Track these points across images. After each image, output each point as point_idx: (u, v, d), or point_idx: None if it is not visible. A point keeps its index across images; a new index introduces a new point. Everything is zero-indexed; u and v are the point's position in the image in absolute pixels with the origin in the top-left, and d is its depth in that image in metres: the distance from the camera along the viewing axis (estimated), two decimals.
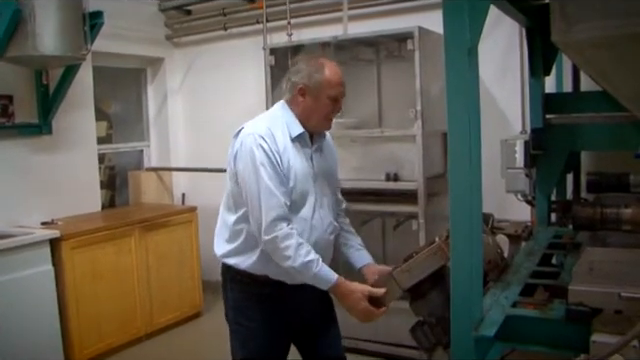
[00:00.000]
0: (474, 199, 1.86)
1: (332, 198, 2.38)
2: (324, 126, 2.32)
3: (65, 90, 4.42)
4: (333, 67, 2.26)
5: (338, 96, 2.26)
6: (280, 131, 2.22)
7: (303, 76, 2.25)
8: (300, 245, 2.13)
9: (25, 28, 3.77)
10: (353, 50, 4.28)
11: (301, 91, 2.25)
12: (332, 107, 2.26)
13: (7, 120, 4.21)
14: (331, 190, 2.38)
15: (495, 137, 3.30)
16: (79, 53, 4.06)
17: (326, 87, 2.23)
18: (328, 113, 2.26)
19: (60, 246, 3.92)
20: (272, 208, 2.12)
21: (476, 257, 1.87)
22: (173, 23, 5.50)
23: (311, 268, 2.13)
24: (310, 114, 2.26)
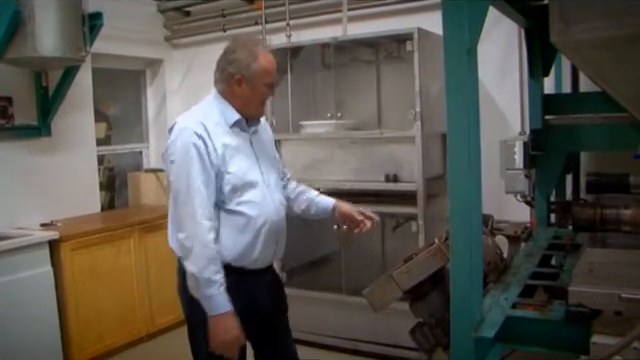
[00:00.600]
0: (474, 200, 1.86)
1: (277, 177, 2.45)
2: (260, 111, 2.39)
3: (64, 92, 4.42)
4: (267, 55, 2.32)
5: (272, 84, 2.34)
6: (214, 122, 2.27)
7: (240, 66, 2.28)
8: (213, 260, 2.14)
9: (25, 29, 3.76)
10: (352, 51, 4.29)
11: (238, 81, 2.29)
12: (266, 95, 2.34)
13: (6, 122, 4.20)
14: (275, 170, 2.45)
15: (494, 138, 3.29)
16: (78, 54, 4.05)
17: (262, 75, 2.29)
18: (263, 99, 2.35)
19: (59, 247, 3.92)
20: (199, 206, 2.14)
21: (476, 258, 1.86)
22: (172, 24, 5.50)
23: (210, 287, 2.13)
24: (248, 102, 2.32)
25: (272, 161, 2.46)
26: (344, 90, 4.32)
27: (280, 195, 2.43)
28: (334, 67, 4.24)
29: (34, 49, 3.80)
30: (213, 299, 2.13)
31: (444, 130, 4.02)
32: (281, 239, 2.42)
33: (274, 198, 2.36)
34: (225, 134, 2.27)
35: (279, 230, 2.39)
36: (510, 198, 3.48)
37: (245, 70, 2.28)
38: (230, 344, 2.17)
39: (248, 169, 2.29)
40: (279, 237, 2.39)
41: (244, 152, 2.31)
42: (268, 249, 2.34)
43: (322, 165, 4.06)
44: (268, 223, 2.30)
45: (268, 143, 2.51)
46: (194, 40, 5.38)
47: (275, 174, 2.44)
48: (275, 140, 4.03)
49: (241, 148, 2.30)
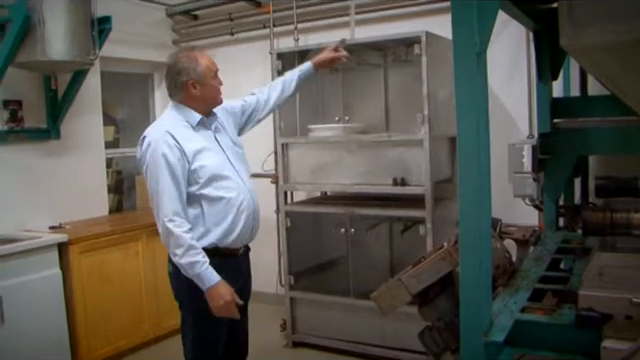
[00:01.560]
0: (483, 204, 1.85)
1: (246, 167, 2.73)
2: (219, 100, 2.69)
3: (73, 95, 4.44)
4: (204, 55, 2.67)
5: (216, 72, 2.66)
6: (181, 127, 2.56)
7: (189, 73, 2.59)
8: (190, 246, 2.44)
9: (35, 34, 3.80)
10: (360, 54, 4.27)
11: (192, 85, 2.59)
12: (218, 82, 2.66)
13: (16, 125, 4.22)
14: (242, 161, 2.72)
15: (502, 141, 3.28)
16: (87, 58, 4.08)
17: (207, 72, 2.61)
18: (217, 89, 2.66)
19: (68, 250, 3.93)
20: (169, 205, 2.46)
21: (485, 262, 1.86)
22: (180, 28, 5.52)
23: (195, 267, 2.44)
24: (207, 99, 2.63)
25: (238, 154, 2.72)
26: (352, 94, 4.32)
27: (251, 184, 2.70)
28: (342, 71, 4.25)
29: (44, 53, 3.83)
30: (201, 276, 2.45)
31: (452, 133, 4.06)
32: (257, 222, 2.71)
33: (248, 186, 2.66)
34: (192, 136, 2.56)
35: (255, 213, 2.67)
36: (518, 202, 3.47)
37: (194, 74, 2.59)
38: (227, 307, 2.48)
39: (220, 163, 2.58)
40: (255, 220, 2.69)
41: (212, 149, 2.59)
42: (246, 228, 2.63)
43: (330, 169, 4.06)
44: (245, 202, 2.60)
45: (230, 134, 2.75)
46: (202, 43, 5.38)
47: (244, 165, 2.72)
48: (282, 144, 4.19)
49: (209, 146, 2.58)
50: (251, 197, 2.65)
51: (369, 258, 4.25)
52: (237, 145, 2.75)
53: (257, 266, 5.17)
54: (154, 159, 2.48)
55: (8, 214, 4.14)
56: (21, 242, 3.79)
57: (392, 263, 4.37)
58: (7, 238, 3.92)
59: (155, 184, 2.49)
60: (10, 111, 4.19)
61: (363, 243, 4.18)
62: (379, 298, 2.28)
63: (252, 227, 2.68)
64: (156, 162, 2.47)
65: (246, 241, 2.71)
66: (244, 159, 2.76)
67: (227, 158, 2.64)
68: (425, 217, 3.70)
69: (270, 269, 4.86)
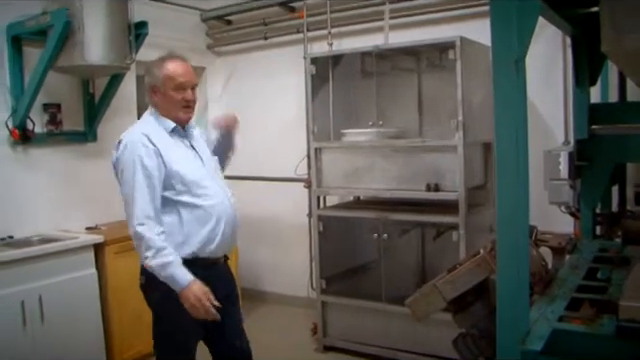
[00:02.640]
0: (521, 211, 1.83)
1: (221, 175, 2.68)
2: (182, 116, 2.53)
3: (110, 99, 4.50)
4: (175, 60, 2.52)
5: (183, 85, 2.47)
6: (155, 131, 2.48)
7: (152, 77, 2.51)
8: (161, 247, 2.36)
9: (74, 39, 3.86)
10: (394, 59, 4.28)
11: (153, 91, 2.51)
12: (181, 96, 2.48)
13: (55, 128, 4.31)
14: (218, 169, 2.69)
15: (537, 148, 3.23)
16: (124, 63, 4.13)
17: (167, 81, 2.47)
18: (178, 103, 2.48)
19: (103, 251, 3.99)
20: (141, 208, 2.38)
21: (523, 270, 1.84)
22: (214, 33, 5.56)
23: (167, 268, 2.36)
24: (167, 108, 2.50)
25: (214, 162, 2.68)
26: (385, 98, 4.30)
27: (229, 191, 2.63)
28: (375, 75, 4.24)
29: (83, 58, 3.89)
30: (174, 277, 2.35)
31: (486, 139, 4.03)
32: (235, 231, 2.61)
33: (226, 193, 2.58)
34: (168, 140, 2.49)
35: (233, 221, 2.58)
36: (554, 209, 3.43)
37: (155, 79, 2.50)
38: (203, 307, 2.36)
39: (197, 170, 2.52)
40: (234, 228, 2.59)
41: (189, 157, 2.53)
42: (225, 237, 2.54)
43: (363, 173, 4.05)
44: (224, 214, 2.52)
45: (206, 145, 2.72)
46: (236, 48, 5.43)
47: (219, 172, 2.68)
48: (316, 148, 4.22)
49: (185, 153, 2.53)
50: (230, 205, 2.58)
51: (401, 263, 4.23)
52: (214, 158, 2.72)
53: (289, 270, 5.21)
54: (129, 161, 2.40)
55: (47, 214, 4.23)
56: (59, 242, 3.86)
57: (424, 269, 4.35)
58: (46, 238, 4.03)
59: (129, 188, 2.41)
60: (50, 114, 4.28)
61: (395, 248, 4.16)
62: (413, 304, 2.27)
63: (231, 236, 2.60)
64: (131, 164, 2.40)
65: (226, 250, 2.65)
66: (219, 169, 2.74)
67: (203, 165, 2.58)
68: (458, 223, 3.67)
69: (302, 273, 4.88)
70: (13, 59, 4.03)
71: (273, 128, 5.20)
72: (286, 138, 5.08)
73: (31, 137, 4.09)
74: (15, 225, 4.03)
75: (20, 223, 4.06)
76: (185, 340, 2.56)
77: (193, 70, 2.60)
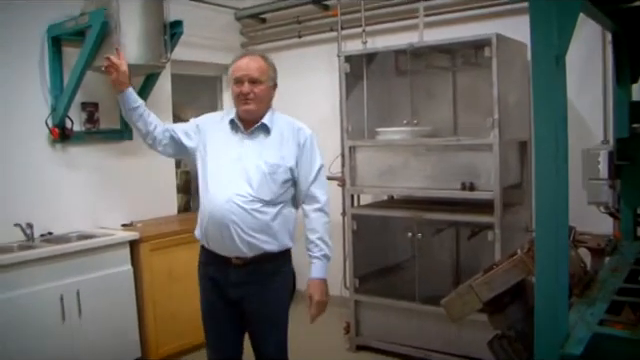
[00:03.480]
0: (560, 211, 1.80)
1: (260, 179, 2.55)
2: (240, 110, 2.61)
3: (145, 97, 4.48)
4: (243, 56, 2.63)
5: (240, 78, 2.56)
6: (222, 117, 2.70)
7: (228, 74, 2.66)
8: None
9: (111, 39, 3.90)
10: (429, 57, 4.23)
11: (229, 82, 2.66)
12: (238, 90, 2.57)
13: (93, 126, 4.38)
14: (261, 171, 2.55)
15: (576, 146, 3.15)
16: (159, 61, 4.17)
17: (231, 74, 2.61)
18: (236, 97, 2.59)
19: (139, 248, 4.04)
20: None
21: (562, 271, 1.80)
22: (248, 31, 5.58)
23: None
24: (234, 101, 2.63)
25: (263, 165, 2.56)
26: (420, 97, 4.27)
27: (248, 189, 2.53)
28: (410, 73, 4.21)
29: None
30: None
31: (521, 137, 3.96)
32: (227, 234, 2.53)
33: (231, 193, 2.52)
34: (221, 127, 2.65)
35: (222, 224, 2.52)
36: (592, 209, 3.35)
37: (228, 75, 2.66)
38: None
39: (222, 163, 2.57)
40: (224, 231, 2.52)
41: (224, 144, 2.61)
42: (215, 236, 2.57)
43: (397, 172, 4.03)
44: (214, 212, 2.54)
45: (274, 151, 2.59)
46: (270, 47, 5.42)
47: (258, 175, 2.54)
48: (350, 146, 4.20)
49: (223, 140, 2.62)
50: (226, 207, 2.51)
51: (435, 263, 4.19)
52: (268, 162, 2.57)
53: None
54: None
55: (84, 211, 4.31)
56: (96, 239, 3.94)
57: (458, 269, 4.30)
58: (84, 234, 4.10)
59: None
60: (87, 113, 4.35)
61: (429, 248, 4.13)
62: (449, 305, 2.24)
63: (221, 240, 2.55)
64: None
65: (224, 251, 2.58)
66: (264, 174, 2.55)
67: (236, 157, 2.57)
68: (494, 223, 3.62)
69: (335, 272, 4.74)
70: (53, 59, 4.11)
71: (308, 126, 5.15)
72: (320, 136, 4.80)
73: (70, 135, 4.17)
74: (54, 221, 4.11)
75: (59, 220, 4.14)
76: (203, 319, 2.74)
77: (263, 64, 2.61)
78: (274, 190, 2.56)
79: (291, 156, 2.60)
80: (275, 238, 2.58)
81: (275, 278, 2.63)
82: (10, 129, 3.92)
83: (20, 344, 3.38)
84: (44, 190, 4.09)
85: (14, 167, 3.95)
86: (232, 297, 2.61)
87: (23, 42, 4.00)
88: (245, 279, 2.58)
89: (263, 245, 2.55)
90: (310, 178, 2.62)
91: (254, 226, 2.53)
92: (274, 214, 2.57)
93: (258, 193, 2.53)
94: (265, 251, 2.56)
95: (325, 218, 2.65)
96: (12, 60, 3.94)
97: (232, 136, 2.63)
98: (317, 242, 2.60)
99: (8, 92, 3.92)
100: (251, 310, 2.63)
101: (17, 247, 3.77)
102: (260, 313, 2.63)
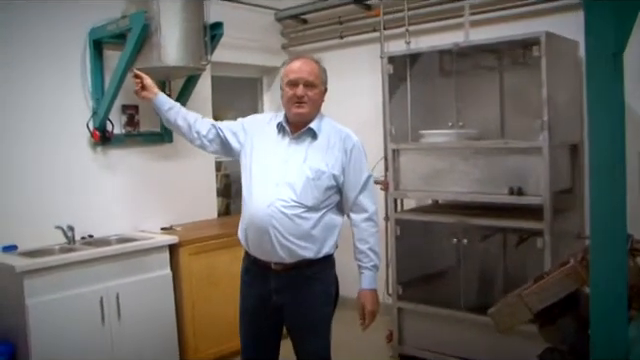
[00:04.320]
0: (618, 218, 1.72)
1: (305, 183, 2.54)
2: (292, 113, 2.60)
3: (186, 100, 4.56)
4: (297, 59, 2.64)
5: (295, 81, 2.57)
6: (269, 121, 2.71)
7: (280, 76, 2.69)
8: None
9: (151, 41, 3.94)
10: (474, 57, 4.15)
11: (281, 89, 2.67)
12: (292, 92, 2.57)
13: (133, 129, 4.43)
14: (305, 176, 2.55)
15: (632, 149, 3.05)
16: (200, 63, 4.19)
17: (285, 77, 2.62)
18: (289, 99, 2.58)
19: (178, 252, 4.06)
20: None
21: (620, 282, 1.72)
22: (289, 32, 5.58)
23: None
24: (284, 104, 2.64)
25: (307, 170, 2.55)
26: (465, 98, 4.20)
27: (291, 194, 2.53)
28: (455, 74, 4.15)
29: (160, 59, 3.97)
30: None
31: (573, 140, 3.84)
32: (266, 239, 2.54)
33: (273, 198, 2.53)
34: (268, 129, 2.67)
35: (262, 229, 2.53)
36: None
37: (280, 78, 2.68)
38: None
39: (264, 161, 2.60)
40: (264, 235, 2.53)
41: (270, 147, 2.63)
42: (255, 240, 2.58)
43: (442, 176, 3.96)
44: (255, 216, 2.55)
45: (319, 157, 2.59)
46: (311, 48, 5.40)
47: (301, 180, 2.54)
48: (393, 149, 4.18)
49: (269, 144, 2.64)
50: (267, 211, 2.52)
51: (481, 270, 4.12)
52: (312, 170, 2.56)
53: None
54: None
55: (124, 214, 4.36)
56: (136, 242, 3.97)
57: (506, 277, 4.19)
58: (123, 238, 4.15)
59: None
60: (128, 115, 4.40)
61: (475, 254, 4.05)
62: (497, 315, 2.19)
63: (261, 245, 2.57)
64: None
65: (265, 256, 2.60)
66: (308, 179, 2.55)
67: (281, 161, 2.59)
68: (543, 229, 3.52)
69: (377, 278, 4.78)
70: (94, 62, 4.18)
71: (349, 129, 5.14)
72: (362, 139, 4.81)
73: (110, 138, 4.21)
74: (95, 224, 4.17)
75: (99, 222, 4.20)
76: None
77: (317, 68, 2.63)
78: (317, 196, 2.56)
79: (337, 163, 2.60)
80: (316, 244, 2.57)
81: (315, 284, 2.62)
82: (52, 131, 3.99)
83: (60, 346, 3.44)
84: (85, 193, 4.15)
85: (56, 169, 4.01)
86: (271, 303, 2.62)
87: (65, 46, 4.07)
88: (285, 285, 2.59)
89: (303, 252, 2.55)
90: (358, 187, 2.63)
91: (294, 232, 2.53)
92: (316, 220, 2.57)
93: (301, 198, 2.53)
94: (304, 258, 2.56)
95: (375, 228, 2.67)
96: (55, 63, 4.01)
97: (279, 139, 2.64)
98: (367, 252, 2.63)
99: (51, 95, 3.99)
100: (291, 317, 2.64)
101: (58, 250, 3.83)
102: (300, 320, 2.64)
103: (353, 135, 2.69)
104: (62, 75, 4.06)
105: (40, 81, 3.95)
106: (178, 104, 2.85)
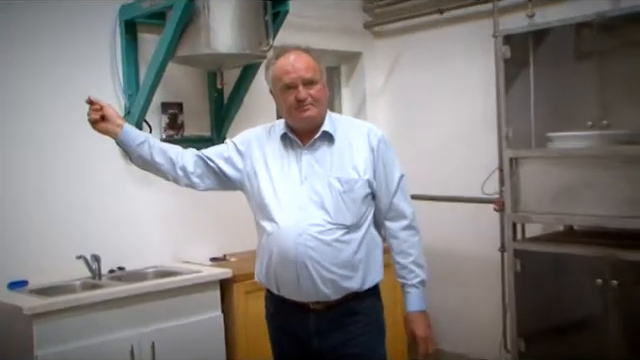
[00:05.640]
0: None
1: (337, 198, 2.57)
2: (298, 119, 2.60)
3: (242, 95, 4.54)
4: (282, 56, 2.63)
5: (292, 83, 2.56)
6: (267, 135, 2.75)
7: (267, 80, 2.70)
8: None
9: (198, 22, 3.90)
10: (625, 32, 3.90)
11: (271, 93, 2.71)
12: (291, 98, 2.56)
13: (176, 132, 4.42)
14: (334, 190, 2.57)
15: None
16: (259, 50, 4.12)
17: (276, 81, 2.62)
18: (291, 105, 2.57)
19: (232, 288, 4.05)
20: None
21: None
22: (373, 7, 5.52)
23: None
24: (285, 113, 2.65)
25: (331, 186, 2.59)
26: (612, 88, 3.99)
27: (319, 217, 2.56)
28: (597, 56, 3.97)
29: (209, 45, 3.92)
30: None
31: None
32: (305, 275, 2.54)
33: (304, 224, 2.53)
34: (271, 145, 2.70)
35: (298, 264, 2.53)
36: None
37: (269, 82, 2.69)
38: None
39: (282, 188, 2.61)
40: (301, 271, 2.53)
41: (282, 168, 2.65)
42: (288, 279, 2.58)
43: (578, 193, 3.81)
44: (284, 250, 2.55)
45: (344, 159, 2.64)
46: (401, 26, 5.34)
47: (332, 196, 2.57)
48: (511, 158, 4.01)
49: (280, 163, 2.66)
50: (298, 240, 2.53)
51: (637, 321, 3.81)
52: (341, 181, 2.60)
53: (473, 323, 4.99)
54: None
55: (164, 241, 4.35)
56: (178, 276, 3.96)
57: None
58: (162, 271, 4.15)
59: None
60: (169, 116, 4.39)
61: (628, 300, 3.77)
62: None
63: (297, 283, 2.57)
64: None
65: (299, 297, 2.62)
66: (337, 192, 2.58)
67: (299, 180, 2.61)
68: None
69: (491, 328, 4.76)
70: (127, 49, 4.17)
71: (451, 131, 5.07)
72: (469, 144, 5.00)
73: None
74: (127, 254, 4.16)
75: (133, 251, 4.19)
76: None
77: (311, 60, 2.65)
78: (354, 211, 2.60)
79: (367, 165, 2.65)
80: (361, 272, 2.62)
81: (367, 320, 2.69)
82: (72, 138, 3.94)
83: None
84: (115, 214, 4.15)
85: (78, 186, 4.01)
86: (314, 349, 2.67)
87: (90, 28, 4.07)
88: (328, 326, 2.65)
89: (350, 283, 2.59)
90: (392, 188, 2.69)
91: (337, 260, 2.56)
92: (359, 241, 2.61)
93: (337, 218, 2.57)
94: (352, 290, 2.61)
95: (416, 237, 2.74)
96: (76, 50, 4.01)
97: (287, 153, 2.68)
98: (412, 267, 2.70)
99: (72, 91, 3.92)
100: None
101: (80, 286, 3.83)
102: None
103: (376, 127, 2.74)
104: (87, 65, 4.05)
105: (56, 75, 3.94)
106: (149, 135, 2.80)
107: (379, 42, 5.60)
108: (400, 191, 2.70)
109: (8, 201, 3.77)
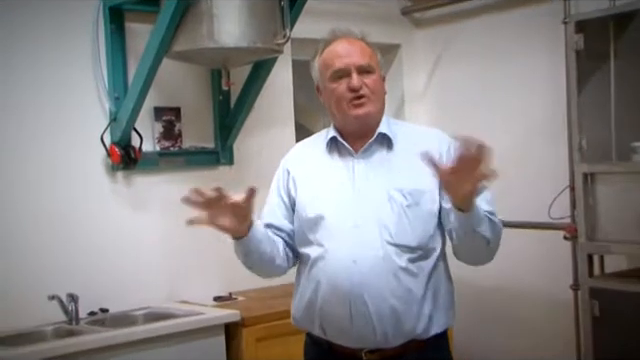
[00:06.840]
0: None
1: (400, 214, 2.55)
2: (351, 116, 2.59)
3: (253, 98, 4.55)
4: (338, 40, 2.65)
5: (344, 70, 2.56)
6: (312, 144, 2.83)
7: (313, 73, 2.73)
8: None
9: (199, 9, 3.91)
10: None
11: (318, 91, 2.74)
12: (342, 87, 2.57)
13: (172, 144, 4.43)
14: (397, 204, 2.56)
15: None
16: (273, 43, 4.12)
17: (325, 69, 2.63)
18: (342, 97, 2.57)
19: (240, 334, 4.06)
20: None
21: None
22: None
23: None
24: (333, 111, 2.65)
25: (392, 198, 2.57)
26: None
27: (378, 234, 2.54)
28: None
29: (212, 37, 3.94)
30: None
31: None
32: (361, 311, 2.51)
33: (359, 248, 2.52)
34: (314, 156, 2.74)
35: (352, 296, 2.50)
36: None
37: (315, 74, 2.72)
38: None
39: (327, 204, 2.61)
40: (356, 307, 2.50)
41: (333, 181, 2.65)
42: (339, 316, 2.53)
43: None
44: (335, 281, 2.52)
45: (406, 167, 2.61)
46: (446, 12, 5.41)
47: (393, 212, 2.55)
48: (585, 174, 3.97)
49: (329, 175, 2.67)
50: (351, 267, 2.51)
51: None
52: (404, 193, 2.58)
53: None
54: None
55: (157, 277, 4.35)
56: (174, 320, 3.96)
57: None
58: (155, 313, 4.14)
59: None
60: (164, 123, 4.40)
61: None
62: None
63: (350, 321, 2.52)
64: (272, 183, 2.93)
65: (355, 342, 2.56)
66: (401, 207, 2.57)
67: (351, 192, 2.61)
68: None
69: None
70: (112, 41, 4.16)
71: (508, 139, 4.97)
72: (531, 157, 5.00)
73: (137, 159, 4.20)
74: (110, 292, 4.14)
75: (118, 290, 4.17)
76: None
77: (367, 46, 2.66)
78: (420, 231, 2.57)
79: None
80: (430, 312, 2.57)
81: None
82: (45, 150, 3.97)
83: None
84: (97, 242, 4.14)
85: (50, 207, 3.98)
86: None
87: (66, 13, 4.06)
88: None
89: (413, 325, 2.54)
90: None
91: (402, 294, 2.52)
92: (429, 270, 2.58)
93: (398, 238, 2.54)
94: (415, 335, 2.55)
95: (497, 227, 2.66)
96: (52, 42, 4.01)
97: (335, 162, 2.69)
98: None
99: (44, 93, 3.97)
100: None
101: (52, 332, 3.80)
102: None
103: (443, 132, 2.73)
104: (64, 61, 4.05)
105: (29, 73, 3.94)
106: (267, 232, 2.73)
107: (420, 32, 5.65)
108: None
109: None
